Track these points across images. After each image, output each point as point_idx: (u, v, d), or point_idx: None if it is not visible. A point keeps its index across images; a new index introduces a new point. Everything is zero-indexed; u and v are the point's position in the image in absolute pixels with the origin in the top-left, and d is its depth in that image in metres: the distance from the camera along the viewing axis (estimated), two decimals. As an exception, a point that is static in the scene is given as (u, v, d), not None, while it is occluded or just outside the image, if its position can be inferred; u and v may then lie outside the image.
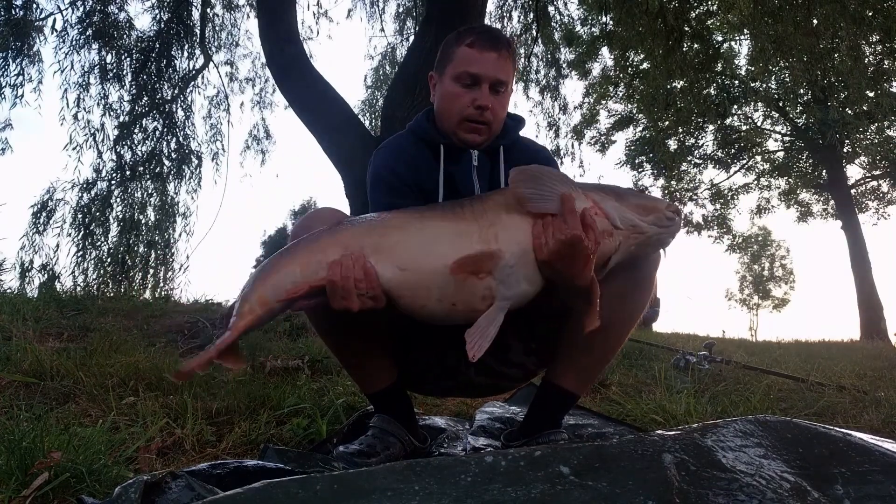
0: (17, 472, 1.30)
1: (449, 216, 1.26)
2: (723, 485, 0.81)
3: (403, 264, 1.22)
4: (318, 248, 1.24)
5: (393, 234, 1.25)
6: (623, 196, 1.31)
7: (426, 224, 1.26)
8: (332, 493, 0.82)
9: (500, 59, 1.53)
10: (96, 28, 6.32)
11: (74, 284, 6.17)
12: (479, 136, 1.57)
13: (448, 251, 1.21)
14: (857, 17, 6.29)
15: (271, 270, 1.27)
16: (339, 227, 1.29)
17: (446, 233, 1.23)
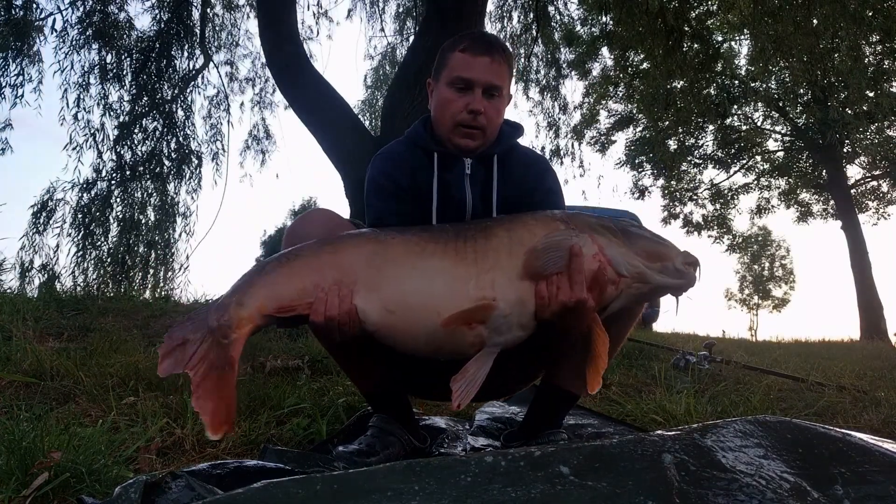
0: (17, 471, 1.30)
1: (450, 254, 1.20)
2: (723, 485, 0.81)
3: (393, 307, 1.17)
4: (318, 267, 1.20)
5: (389, 269, 1.18)
6: (633, 240, 1.25)
7: (425, 262, 1.19)
8: (331, 493, 0.82)
9: (494, 63, 1.53)
10: (96, 28, 6.32)
11: (74, 284, 6.17)
12: (472, 142, 1.56)
13: (441, 302, 1.16)
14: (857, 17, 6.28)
15: (273, 279, 1.21)
16: (343, 245, 1.23)
17: (443, 277, 1.17)
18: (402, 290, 1.17)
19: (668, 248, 1.25)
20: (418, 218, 1.57)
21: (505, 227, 1.26)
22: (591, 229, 1.24)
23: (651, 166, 17.41)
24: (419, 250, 1.21)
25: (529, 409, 1.70)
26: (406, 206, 1.57)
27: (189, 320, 1.19)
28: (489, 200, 1.59)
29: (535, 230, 1.23)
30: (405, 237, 1.25)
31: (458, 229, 1.28)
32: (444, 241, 1.23)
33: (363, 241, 1.24)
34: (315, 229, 1.39)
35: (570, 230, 1.22)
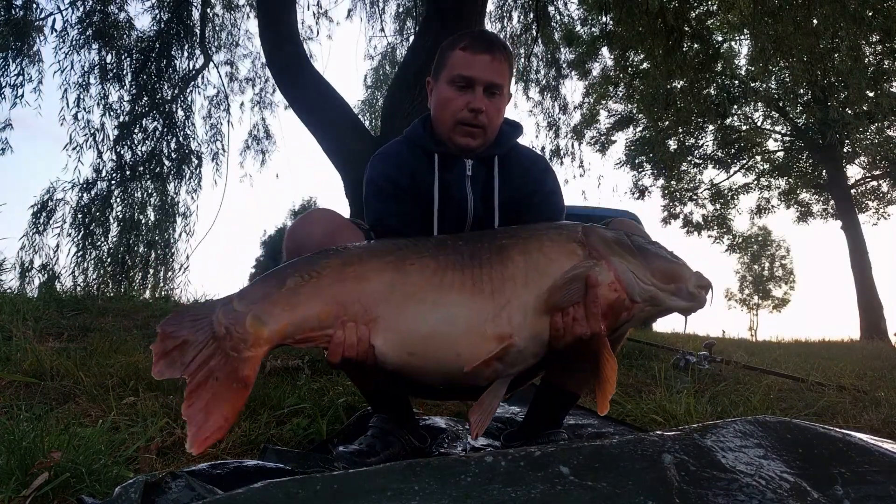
0: (17, 471, 1.30)
1: (468, 286, 1.15)
2: (722, 485, 0.81)
3: (413, 350, 1.13)
4: (341, 294, 1.12)
5: (409, 306, 1.13)
6: (649, 260, 1.22)
7: (444, 297, 1.14)
8: (331, 493, 0.82)
9: (495, 61, 1.52)
10: (96, 28, 6.32)
11: (74, 284, 6.17)
12: (473, 141, 1.55)
13: (461, 345, 1.12)
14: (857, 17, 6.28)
15: (296, 301, 1.11)
16: (365, 270, 1.15)
17: (462, 316, 1.13)
18: (422, 333, 1.13)
19: (682, 270, 1.23)
20: (418, 219, 1.56)
21: (520, 248, 1.21)
22: (609, 250, 1.20)
23: (651, 166, 17.42)
24: (438, 281, 1.15)
25: (530, 409, 1.69)
26: (406, 207, 1.56)
27: (188, 317, 1.10)
28: (490, 202, 1.58)
29: (550, 254, 1.20)
30: (423, 262, 1.17)
31: (473, 249, 1.21)
32: (462, 268, 1.17)
33: (384, 266, 1.16)
34: (316, 229, 1.39)
35: (588, 258, 1.19)
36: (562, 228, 1.27)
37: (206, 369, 1.05)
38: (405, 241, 1.28)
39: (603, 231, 1.26)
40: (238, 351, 1.07)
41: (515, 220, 1.57)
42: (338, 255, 1.18)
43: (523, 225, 1.35)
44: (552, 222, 1.35)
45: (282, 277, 1.13)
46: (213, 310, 1.11)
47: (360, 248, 1.24)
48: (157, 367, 1.07)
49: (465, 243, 1.24)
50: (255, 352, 1.08)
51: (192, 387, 1.05)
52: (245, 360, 1.07)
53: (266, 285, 1.13)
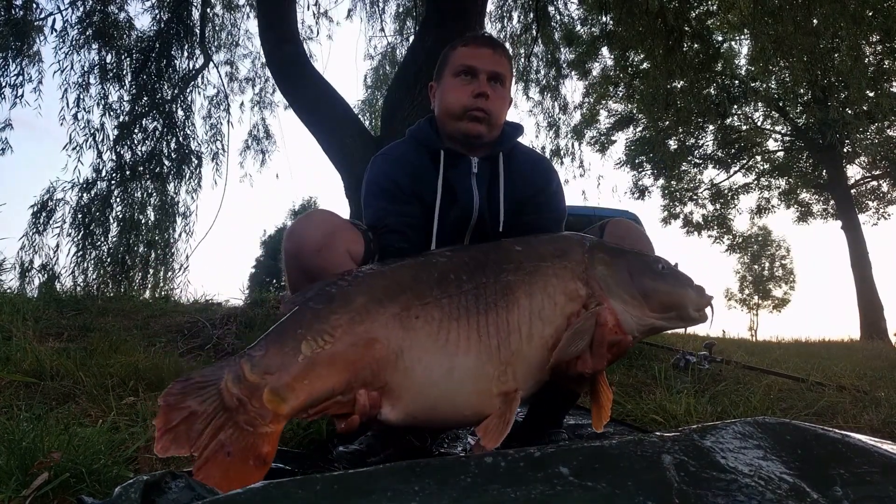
0: (17, 471, 1.30)
1: (474, 342, 1.11)
2: (722, 485, 0.81)
3: (419, 415, 1.11)
4: (353, 359, 1.06)
5: (417, 371, 1.08)
6: (649, 296, 1.21)
7: (451, 360, 1.10)
8: (331, 493, 0.82)
9: (496, 55, 1.58)
10: (96, 28, 6.31)
11: (74, 284, 6.17)
12: (480, 125, 1.57)
13: (467, 405, 1.12)
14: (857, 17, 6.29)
15: (315, 374, 1.03)
16: (374, 326, 1.08)
17: (469, 378, 1.11)
18: (430, 401, 1.11)
19: (682, 297, 1.23)
20: (419, 219, 1.56)
21: (525, 289, 1.17)
22: (609, 294, 1.19)
23: (651, 166, 17.44)
24: (444, 340, 1.10)
25: (530, 409, 1.70)
26: (406, 207, 1.57)
27: (193, 384, 1.01)
28: (496, 200, 1.59)
29: (555, 297, 1.17)
30: (428, 313, 1.11)
31: (477, 286, 1.16)
32: (467, 316, 1.12)
33: (390, 322, 1.09)
34: (315, 231, 1.39)
35: (590, 297, 1.18)
36: (566, 260, 1.22)
37: (216, 443, 0.97)
38: (406, 272, 1.19)
39: (604, 266, 1.22)
40: (254, 426, 0.99)
41: (520, 219, 1.59)
42: (345, 308, 1.08)
43: (527, 244, 1.28)
44: (556, 244, 1.27)
45: (296, 342, 1.03)
46: (221, 377, 1.01)
47: (363, 291, 1.12)
48: (162, 443, 0.97)
49: (469, 277, 1.17)
50: (274, 427, 1.00)
51: (200, 462, 0.97)
52: (263, 437, 0.99)
53: (280, 350, 1.03)
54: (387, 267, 1.22)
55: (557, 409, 1.65)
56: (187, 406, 0.98)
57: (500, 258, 1.22)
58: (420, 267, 1.20)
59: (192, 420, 0.98)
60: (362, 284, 1.13)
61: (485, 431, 1.11)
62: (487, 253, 1.24)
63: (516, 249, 1.25)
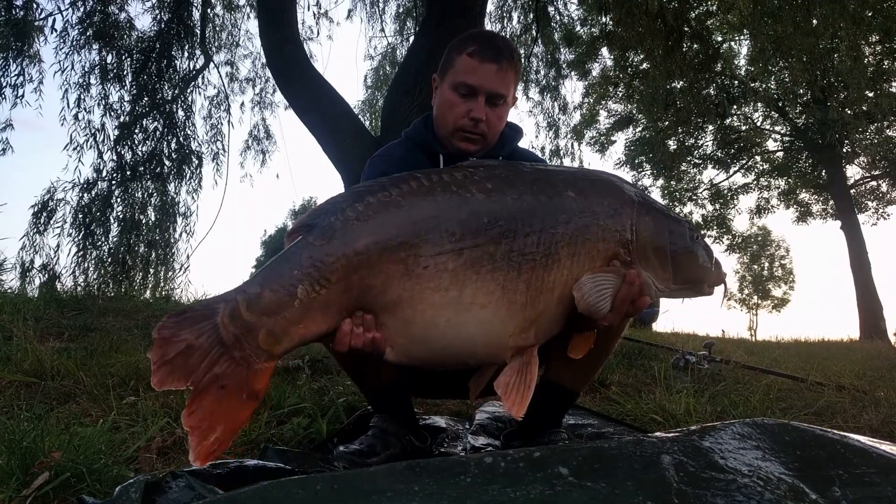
0: (17, 471, 1.30)
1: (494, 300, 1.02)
2: (721, 486, 0.81)
3: (416, 359, 1.09)
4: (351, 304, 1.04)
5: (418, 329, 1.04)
6: (679, 270, 1.19)
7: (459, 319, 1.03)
8: (331, 493, 0.82)
9: (501, 70, 1.51)
10: (97, 28, 6.31)
11: (75, 284, 6.17)
12: (472, 146, 1.57)
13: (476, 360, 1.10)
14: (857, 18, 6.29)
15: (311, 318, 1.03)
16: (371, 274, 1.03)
17: (482, 335, 1.05)
18: (430, 348, 1.06)
19: (706, 273, 1.24)
20: None
21: (570, 249, 1.08)
22: (645, 260, 1.16)
23: (651, 166, 17.44)
24: (456, 297, 1.02)
25: (529, 409, 1.69)
26: None
27: (186, 318, 1.01)
28: None
29: (597, 260, 1.11)
30: (440, 263, 1.02)
31: (516, 242, 1.05)
32: (492, 269, 1.03)
33: (393, 269, 1.03)
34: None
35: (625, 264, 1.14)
36: (617, 222, 1.14)
37: (211, 375, 0.98)
38: (428, 208, 1.07)
39: (649, 233, 1.17)
40: (249, 363, 1.01)
41: None
42: (344, 251, 1.02)
43: (582, 193, 1.14)
44: (610, 199, 1.16)
45: (291, 284, 1.01)
46: (216, 312, 1.02)
47: (369, 230, 1.04)
48: (158, 376, 0.98)
49: (508, 223, 1.05)
50: (268, 364, 1.02)
51: (195, 394, 0.98)
52: (257, 372, 1.01)
53: (277, 293, 1.01)
54: (411, 195, 1.07)
55: (557, 408, 1.65)
56: (184, 339, 0.98)
57: (552, 206, 1.10)
58: (449, 203, 1.07)
59: (189, 353, 0.98)
60: (371, 220, 1.04)
61: (505, 390, 1.06)
62: (538, 195, 1.10)
63: (570, 197, 1.12)
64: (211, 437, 0.95)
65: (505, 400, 1.05)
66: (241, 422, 1.02)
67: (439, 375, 1.63)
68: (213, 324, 1.01)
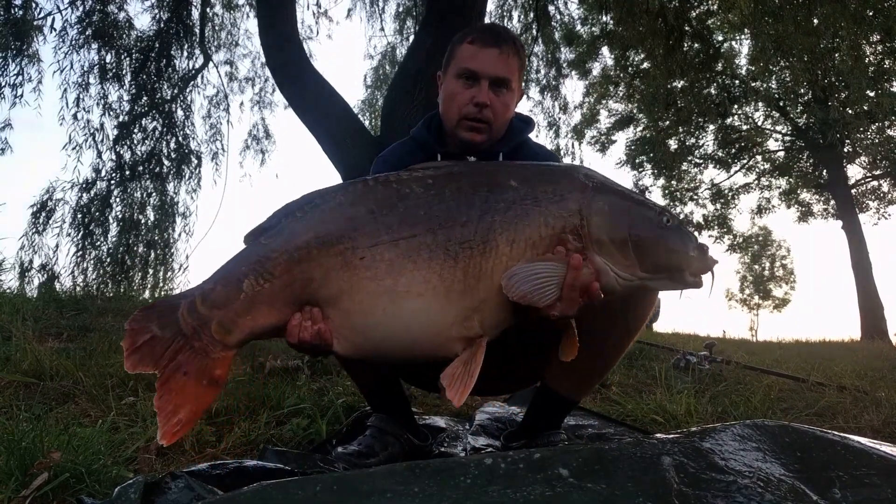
0: (16, 472, 1.30)
1: (431, 289, 1.03)
2: (721, 487, 0.81)
3: (363, 351, 1.11)
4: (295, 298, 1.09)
5: (357, 318, 1.07)
6: (644, 255, 1.10)
7: (396, 308, 1.04)
8: (331, 494, 0.82)
9: (502, 55, 1.49)
10: (96, 28, 6.31)
11: (74, 284, 6.17)
12: (478, 135, 1.53)
13: (418, 348, 1.09)
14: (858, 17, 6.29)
15: (257, 312, 1.09)
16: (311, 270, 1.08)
17: (419, 324, 1.05)
18: (373, 339, 1.08)
19: (682, 259, 1.12)
20: None
21: (508, 235, 1.07)
22: (599, 247, 1.10)
23: (651, 166, 17.43)
24: (391, 286, 1.04)
25: (528, 411, 1.69)
26: None
27: (153, 312, 1.11)
28: None
29: (540, 246, 1.08)
30: (377, 254, 1.05)
31: (453, 231, 1.06)
32: (429, 259, 1.05)
33: (331, 263, 1.07)
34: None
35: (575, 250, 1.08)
36: (562, 207, 1.10)
37: (175, 363, 1.08)
38: (367, 204, 1.11)
39: (601, 217, 1.11)
40: (207, 352, 1.09)
41: None
42: (286, 247, 1.09)
43: (525, 180, 1.13)
44: (556, 185, 1.13)
45: (238, 279, 1.09)
46: (178, 306, 1.10)
47: (311, 227, 1.10)
48: (130, 362, 1.08)
49: (446, 213, 1.07)
50: (225, 353, 1.10)
51: (162, 380, 1.07)
52: (215, 361, 1.09)
53: (226, 287, 1.10)
54: (353, 194, 1.13)
55: (554, 413, 1.63)
56: (150, 330, 1.08)
57: (493, 195, 1.10)
58: (387, 198, 1.11)
59: (154, 343, 1.08)
60: (313, 219, 1.11)
61: (450, 381, 1.06)
62: (477, 186, 1.12)
63: (511, 185, 1.12)
64: (174, 419, 1.04)
65: (448, 389, 1.05)
66: (202, 405, 1.10)
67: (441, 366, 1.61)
68: (174, 317, 1.10)
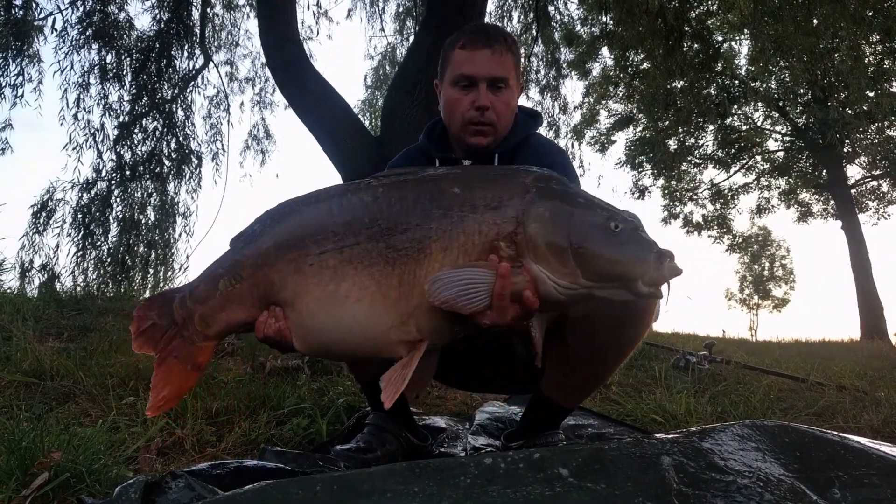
0: (17, 471, 1.30)
1: (368, 295, 1.08)
2: (721, 486, 0.81)
3: (320, 350, 1.20)
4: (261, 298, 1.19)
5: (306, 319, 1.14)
6: (588, 262, 1.03)
7: (339, 310, 1.10)
8: (331, 493, 0.82)
9: (495, 54, 1.50)
10: (96, 28, 6.31)
11: (74, 284, 6.16)
12: (484, 139, 1.54)
13: (361, 350, 1.16)
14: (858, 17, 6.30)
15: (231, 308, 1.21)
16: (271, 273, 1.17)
17: (359, 328, 1.10)
18: (321, 340, 1.16)
19: (632, 267, 1.03)
20: None
21: (442, 242, 1.07)
22: (535, 254, 1.06)
23: (651, 166, 17.42)
24: (333, 291, 1.10)
25: (525, 412, 1.69)
26: None
27: (157, 302, 1.28)
28: None
29: (473, 253, 1.07)
30: (323, 261, 1.12)
31: (392, 239, 1.09)
32: (369, 265, 1.09)
33: (287, 268, 1.16)
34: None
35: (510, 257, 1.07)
36: (498, 214, 1.08)
37: (169, 347, 1.25)
38: (320, 214, 1.17)
39: (539, 224, 1.07)
40: (192, 341, 1.25)
41: None
42: (254, 251, 1.20)
43: (468, 186, 1.13)
44: (496, 192, 1.11)
45: (216, 279, 1.23)
46: (173, 299, 1.26)
47: (275, 234, 1.20)
48: (136, 343, 1.27)
49: (387, 221, 1.10)
50: (207, 344, 1.25)
51: (158, 361, 1.26)
52: (199, 349, 1.25)
53: (206, 285, 1.24)
54: (313, 204, 1.21)
55: (549, 419, 1.63)
56: (152, 318, 1.26)
57: (432, 203, 1.11)
58: (339, 207, 1.16)
59: (154, 329, 1.26)
60: (277, 227, 1.21)
61: (386, 383, 1.11)
62: (420, 194, 1.13)
63: (453, 192, 1.12)
64: (161, 395, 1.24)
65: (383, 391, 1.11)
66: (186, 387, 1.28)
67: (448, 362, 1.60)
68: (170, 308, 1.26)
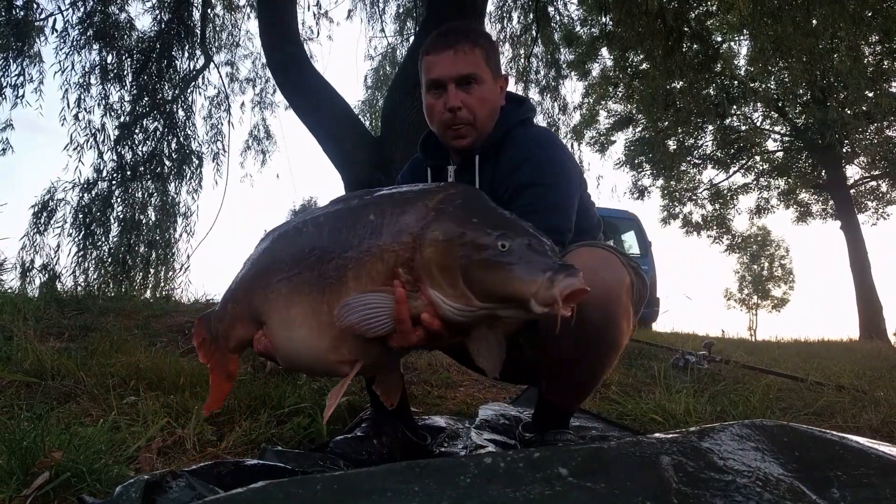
0: (17, 471, 1.30)
1: (308, 320, 1.16)
2: (720, 486, 0.81)
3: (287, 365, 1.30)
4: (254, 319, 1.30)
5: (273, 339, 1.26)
6: (478, 284, 1.03)
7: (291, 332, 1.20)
8: (331, 493, 0.82)
9: (458, 53, 1.50)
10: (97, 28, 6.32)
11: (75, 284, 6.18)
12: (464, 140, 1.54)
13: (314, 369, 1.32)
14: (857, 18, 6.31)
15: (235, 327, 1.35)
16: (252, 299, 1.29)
17: (305, 349, 1.20)
18: (286, 358, 1.26)
19: (519, 288, 1.00)
20: None
21: (354, 271, 1.12)
22: (430, 278, 1.07)
23: (650, 166, 17.43)
24: (285, 315, 1.21)
25: (535, 408, 1.71)
26: None
27: (205, 320, 1.46)
28: None
29: (378, 280, 1.11)
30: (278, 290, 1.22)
31: (322, 263, 1.15)
32: (309, 292, 1.16)
33: (261, 297, 1.27)
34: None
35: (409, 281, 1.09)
36: (397, 241, 1.11)
37: (214, 359, 1.45)
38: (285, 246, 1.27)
39: (433, 249, 1.08)
40: (223, 353, 1.42)
41: None
42: (244, 279, 1.35)
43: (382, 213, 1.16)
44: (400, 218, 1.13)
45: (226, 301, 1.39)
46: (212, 317, 1.45)
47: (257, 264, 1.33)
48: (200, 355, 1.47)
49: (322, 251, 1.17)
50: (233, 355, 1.43)
51: (209, 370, 1.46)
52: (229, 360, 1.44)
53: (221, 307, 1.41)
54: (281, 234, 1.33)
55: (556, 418, 1.64)
56: (203, 334, 1.46)
57: (353, 231, 1.15)
58: (294, 238, 1.27)
59: (205, 343, 1.46)
60: (260, 257, 1.34)
61: (329, 399, 1.21)
62: (347, 222, 1.18)
63: (369, 219, 1.16)
64: (210, 398, 1.47)
65: (327, 407, 1.21)
66: (224, 392, 1.49)
67: None
68: (210, 325, 1.45)
